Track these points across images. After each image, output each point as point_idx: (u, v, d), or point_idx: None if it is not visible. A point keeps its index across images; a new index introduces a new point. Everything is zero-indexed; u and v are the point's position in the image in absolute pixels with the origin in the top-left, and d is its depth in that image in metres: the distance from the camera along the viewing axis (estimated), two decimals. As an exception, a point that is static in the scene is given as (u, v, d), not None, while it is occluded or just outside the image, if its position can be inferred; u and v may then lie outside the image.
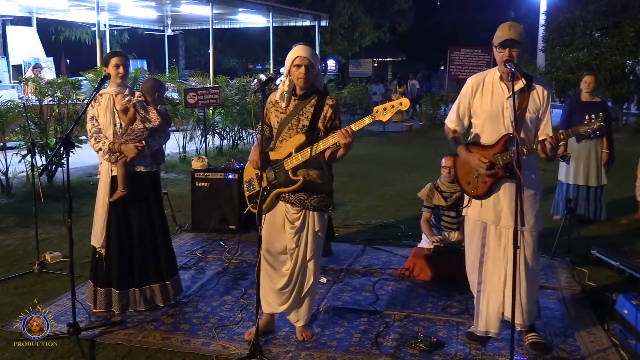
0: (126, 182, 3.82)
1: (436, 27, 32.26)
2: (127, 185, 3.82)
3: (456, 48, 19.26)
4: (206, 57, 25.49)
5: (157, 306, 4.00)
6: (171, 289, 4.06)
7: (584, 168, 6.26)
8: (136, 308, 3.95)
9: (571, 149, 6.24)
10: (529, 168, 3.35)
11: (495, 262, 3.41)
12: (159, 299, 4.00)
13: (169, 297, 4.04)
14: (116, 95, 3.87)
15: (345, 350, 3.46)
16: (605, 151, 6.27)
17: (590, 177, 6.27)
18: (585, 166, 6.26)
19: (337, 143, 3.21)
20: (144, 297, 3.95)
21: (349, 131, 3.16)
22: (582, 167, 6.27)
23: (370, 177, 9.40)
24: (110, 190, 3.87)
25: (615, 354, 3.43)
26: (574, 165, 6.30)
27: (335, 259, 5.15)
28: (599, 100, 6.38)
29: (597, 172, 6.28)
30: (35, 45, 16.00)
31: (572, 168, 6.31)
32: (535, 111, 3.32)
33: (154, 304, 4.00)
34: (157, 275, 3.99)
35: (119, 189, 3.83)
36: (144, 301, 3.95)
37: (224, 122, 11.58)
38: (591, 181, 6.28)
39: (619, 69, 15.76)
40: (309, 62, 3.27)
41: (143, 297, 3.95)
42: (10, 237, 5.78)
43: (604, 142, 6.29)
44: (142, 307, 3.95)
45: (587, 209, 6.35)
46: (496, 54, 3.29)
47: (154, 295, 4.00)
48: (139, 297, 3.94)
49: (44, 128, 7.96)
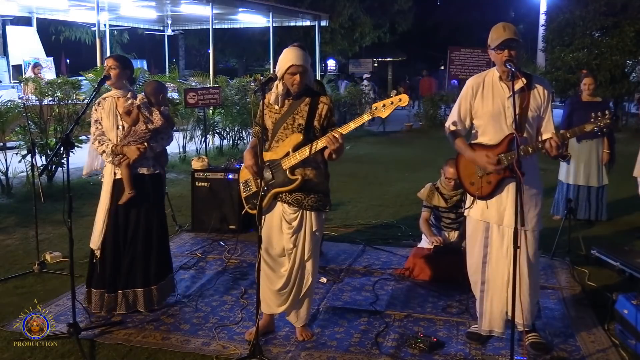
0: (132, 184, 3.82)
1: (436, 27, 32.23)
2: (133, 187, 3.82)
3: (456, 48, 19.24)
4: (206, 57, 25.48)
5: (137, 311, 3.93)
6: (156, 294, 3.97)
7: (585, 168, 6.24)
8: (117, 311, 3.89)
9: (572, 148, 6.21)
10: (531, 167, 3.35)
11: (499, 262, 3.40)
12: (140, 304, 3.92)
13: (152, 302, 3.95)
14: (119, 98, 3.88)
15: (345, 350, 3.47)
16: (606, 151, 6.25)
17: (591, 177, 6.26)
18: (586, 166, 6.24)
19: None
20: (125, 300, 3.90)
21: (337, 136, 3.14)
22: (582, 167, 6.25)
23: (370, 177, 9.40)
24: (113, 192, 3.86)
25: (615, 354, 3.43)
26: (575, 165, 6.28)
27: (335, 259, 5.15)
28: (600, 100, 6.35)
29: (598, 172, 6.26)
30: (35, 45, 15.99)
31: (573, 168, 6.29)
32: (536, 109, 3.32)
33: (135, 309, 3.93)
34: (144, 279, 3.92)
35: (126, 191, 3.82)
36: (125, 305, 3.89)
37: (224, 122, 11.59)
38: (592, 181, 6.27)
39: (619, 69, 15.76)
40: (304, 68, 3.27)
41: (125, 301, 3.89)
42: (10, 237, 5.78)
43: (605, 142, 6.26)
44: (122, 310, 3.88)
45: (589, 210, 6.33)
46: (494, 56, 3.29)
47: (136, 300, 3.92)
48: (121, 299, 3.89)
49: (44, 128, 7.97)
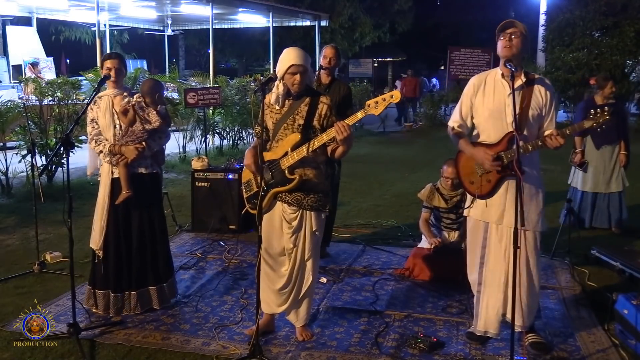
0: (129, 183, 3.82)
1: (436, 27, 32.24)
2: (131, 186, 3.82)
3: (456, 48, 19.26)
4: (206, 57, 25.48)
5: (152, 309, 3.97)
6: (167, 291, 4.04)
7: (604, 174, 5.99)
8: (131, 311, 3.91)
9: (590, 155, 5.98)
10: (532, 165, 3.35)
11: (497, 263, 3.40)
12: (155, 302, 3.97)
13: (165, 299, 4.02)
14: (115, 97, 3.86)
15: (345, 350, 3.46)
16: (623, 152, 6.00)
17: (612, 182, 6.01)
18: (605, 172, 5.98)
19: (334, 139, 3.18)
20: (140, 300, 3.92)
21: (345, 125, 3.11)
22: (602, 173, 6.00)
23: (370, 177, 9.40)
24: (111, 192, 3.86)
25: (615, 354, 3.43)
26: (593, 172, 6.02)
27: (335, 259, 5.15)
28: (613, 101, 6.03)
29: (618, 176, 6.01)
30: (35, 45, 16.02)
31: (591, 175, 6.03)
32: (537, 108, 3.31)
33: (150, 306, 3.97)
34: (155, 277, 3.97)
35: (123, 191, 3.82)
36: (140, 304, 3.92)
37: (224, 122, 11.59)
38: (613, 187, 6.01)
39: (619, 69, 15.75)
40: (304, 68, 3.27)
41: (140, 300, 3.92)
42: (10, 237, 5.78)
43: (621, 144, 6.02)
44: (138, 310, 3.91)
45: (608, 218, 6.07)
46: (499, 47, 3.29)
47: (150, 297, 3.97)
48: (135, 300, 3.91)
49: (44, 128, 7.96)
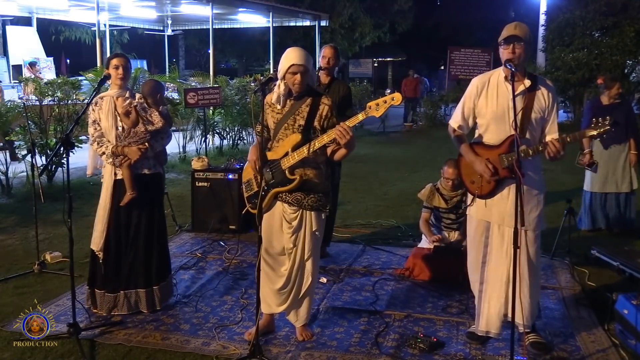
0: (134, 184, 3.81)
1: (436, 27, 32.24)
2: (135, 187, 3.82)
3: (456, 48, 19.29)
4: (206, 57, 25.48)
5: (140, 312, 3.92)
6: (158, 294, 3.96)
7: (614, 174, 5.92)
8: (118, 311, 3.88)
9: (599, 155, 5.89)
10: (533, 168, 3.35)
11: (498, 262, 3.40)
12: (143, 305, 3.92)
13: (154, 303, 3.95)
14: (117, 98, 3.86)
15: (345, 350, 3.46)
16: (633, 152, 5.91)
17: (622, 182, 5.93)
18: (615, 172, 5.91)
19: (334, 140, 3.18)
20: (127, 301, 3.89)
21: (347, 129, 3.11)
22: (611, 173, 5.92)
23: (370, 177, 9.40)
24: (114, 193, 3.85)
25: (615, 354, 3.43)
26: (603, 172, 5.94)
27: (335, 259, 5.15)
28: (619, 101, 5.95)
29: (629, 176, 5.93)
30: (35, 45, 16.02)
31: (601, 175, 5.95)
32: (540, 111, 3.30)
33: (138, 309, 3.92)
34: (145, 279, 3.92)
35: (127, 192, 3.81)
36: (127, 305, 3.89)
37: (224, 122, 11.59)
38: (623, 187, 5.94)
39: (619, 69, 15.75)
40: (305, 68, 3.27)
41: (127, 301, 3.89)
42: (10, 237, 5.78)
43: (632, 144, 5.92)
44: (124, 310, 3.87)
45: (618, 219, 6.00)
46: (501, 52, 3.28)
47: (138, 300, 3.92)
48: (123, 300, 3.88)
49: (44, 128, 7.96)
